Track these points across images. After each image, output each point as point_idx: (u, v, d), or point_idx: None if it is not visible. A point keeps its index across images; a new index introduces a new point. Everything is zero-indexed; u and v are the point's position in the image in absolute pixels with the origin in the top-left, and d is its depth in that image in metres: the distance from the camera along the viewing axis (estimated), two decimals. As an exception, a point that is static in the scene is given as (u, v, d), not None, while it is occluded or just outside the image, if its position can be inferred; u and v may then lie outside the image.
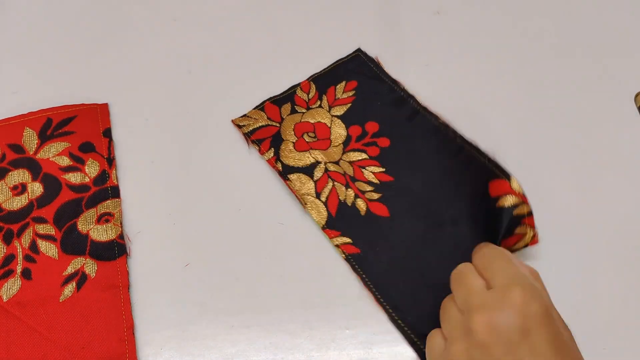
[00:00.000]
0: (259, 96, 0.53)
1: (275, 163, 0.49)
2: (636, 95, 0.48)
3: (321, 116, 0.52)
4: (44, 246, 0.45)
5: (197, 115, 0.53)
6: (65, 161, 0.49)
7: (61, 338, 0.41)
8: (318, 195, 0.47)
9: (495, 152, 0.47)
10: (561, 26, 0.58)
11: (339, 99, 0.53)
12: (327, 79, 0.54)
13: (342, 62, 0.55)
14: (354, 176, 0.48)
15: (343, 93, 0.53)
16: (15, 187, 0.48)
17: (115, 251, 0.45)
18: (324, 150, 0.50)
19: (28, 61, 0.57)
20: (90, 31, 0.59)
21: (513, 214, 0.43)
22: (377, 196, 0.47)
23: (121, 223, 0.46)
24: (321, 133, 0.51)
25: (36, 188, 0.48)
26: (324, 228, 0.46)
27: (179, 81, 0.55)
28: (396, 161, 0.49)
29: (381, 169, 0.49)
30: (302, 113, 0.52)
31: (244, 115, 0.53)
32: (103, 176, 0.49)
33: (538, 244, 0.43)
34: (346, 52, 0.56)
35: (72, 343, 0.41)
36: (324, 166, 0.49)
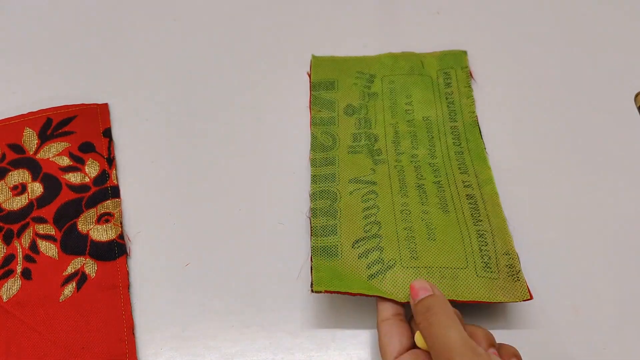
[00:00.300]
0: (259, 95, 0.53)
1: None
2: (636, 95, 0.48)
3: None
4: (44, 246, 0.45)
5: (197, 115, 0.53)
6: (65, 161, 0.49)
7: (61, 338, 0.41)
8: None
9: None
10: (561, 26, 0.58)
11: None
12: None
13: None
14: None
15: None
16: (15, 187, 0.48)
17: (115, 251, 0.45)
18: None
19: (28, 61, 0.57)
20: (90, 31, 0.59)
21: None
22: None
23: (121, 223, 0.46)
24: None
25: (36, 188, 0.48)
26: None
27: (179, 81, 0.55)
28: None
29: None
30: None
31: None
32: (103, 176, 0.49)
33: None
34: (346, 51, 0.56)
35: (72, 343, 0.41)
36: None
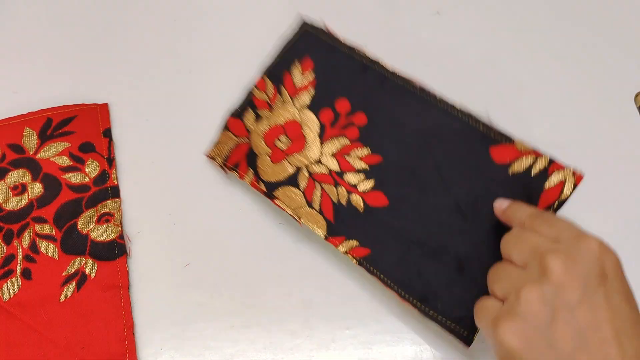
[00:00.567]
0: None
1: (257, 184, 0.45)
2: (636, 95, 0.48)
3: (288, 112, 0.47)
4: (44, 246, 0.45)
5: (197, 115, 0.53)
6: (65, 161, 0.49)
7: (61, 338, 0.41)
8: (310, 204, 0.44)
9: (488, 115, 0.44)
10: (561, 26, 0.58)
11: (300, 87, 0.48)
12: (280, 67, 0.49)
13: (292, 44, 0.50)
14: (341, 169, 0.44)
15: (302, 78, 0.48)
16: (15, 187, 0.48)
17: (115, 251, 0.45)
18: (301, 151, 0.46)
19: (28, 61, 0.57)
20: (90, 31, 0.59)
21: (532, 176, 0.41)
22: (370, 185, 0.44)
23: (121, 223, 0.46)
24: (293, 133, 0.47)
25: (36, 188, 0.48)
26: (327, 237, 0.43)
27: (179, 81, 0.55)
28: (379, 137, 0.45)
29: (366, 151, 0.45)
30: (267, 117, 0.48)
31: (214, 145, 0.49)
32: (103, 176, 0.49)
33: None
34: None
35: (72, 343, 0.41)
36: (307, 171, 0.45)
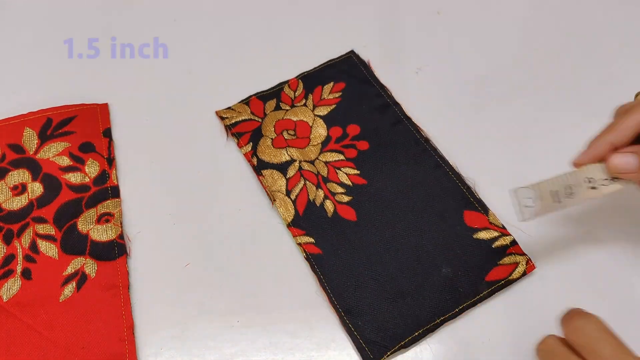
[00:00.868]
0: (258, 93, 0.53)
1: (251, 157, 0.49)
2: (636, 95, 0.48)
3: (304, 115, 0.52)
4: (44, 246, 0.45)
5: (198, 115, 0.53)
6: (65, 161, 0.49)
7: (61, 338, 0.41)
8: (288, 193, 0.47)
9: (474, 183, 0.47)
10: (561, 26, 0.58)
11: (325, 99, 0.53)
12: (316, 79, 0.54)
13: (334, 63, 0.55)
14: (327, 177, 0.48)
15: (329, 94, 0.53)
16: (15, 187, 0.48)
17: (115, 251, 0.45)
18: (301, 148, 0.50)
19: (28, 61, 0.57)
20: (90, 31, 0.59)
21: (492, 247, 0.44)
22: (347, 199, 0.47)
23: (121, 223, 0.46)
24: (301, 131, 0.51)
25: (36, 188, 0.48)
26: (289, 226, 0.46)
27: (179, 81, 0.55)
28: (372, 165, 0.49)
29: (356, 171, 0.48)
30: (286, 110, 0.52)
31: (229, 107, 0.53)
32: (103, 176, 0.49)
33: (535, 269, 0.43)
34: (341, 52, 0.56)
35: (72, 343, 0.41)
36: (298, 164, 0.49)
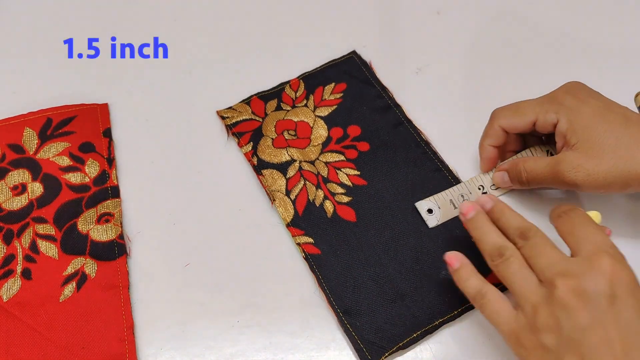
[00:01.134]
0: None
1: (251, 157, 0.49)
2: (636, 95, 0.48)
3: (305, 115, 0.52)
4: (44, 246, 0.45)
5: (198, 115, 0.53)
6: (65, 161, 0.49)
7: (61, 338, 0.41)
8: (288, 192, 0.47)
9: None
10: (561, 26, 0.58)
11: (326, 100, 0.53)
12: (317, 79, 0.54)
13: (335, 63, 0.55)
14: (328, 177, 0.48)
15: (330, 94, 0.53)
16: (15, 187, 0.48)
17: (115, 251, 0.45)
18: (302, 149, 0.50)
19: (28, 61, 0.57)
20: (90, 31, 0.59)
21: None
22: (347, 200, 0.47)
23: (121, 223, 0.46)
24: (302, 132, 0.51)
25: (36, 188, 0.48)
26: (289, 226, 0.46)
27: (179, 81, 0.55)
28: (373, 166, 0.49)
29: (356, 172, 0.48)
30: (287, 111, 0.52)
31: (229, 107, 0.53)
32: (103, 176, 0.49)
33: None
34: (343, 52, 0.56)
35: (72, 343, 0.41)
36: (299, 165, 0.49)
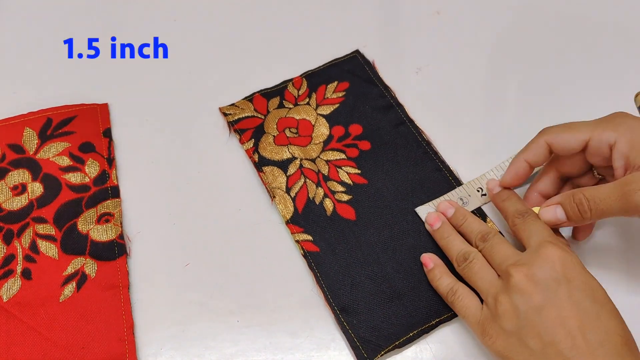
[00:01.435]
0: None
1: (252, 154, 0.49)
2: (636, 95, 0.48)
3: (307, 114, 0.52)
4: (44, 246, 0.45)
5: (198, 115, 0.53)
6: (65, 161, 0.49)
7: (61, 338, 0.41)
8: (288, 190, 0.47)
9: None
10: (561, 25, 0.58)
11: (328, 99, 0.53)
12: (320, 77, 0.54)
13: (338, 62, 0.55)
14: (328, 175, 0.48)
15: (333, 93, 0.53)
16: (15, 187, 0.48)
17: (115, 251, 0.45)
18: (303, 147, 0.50)
19: (28, 61, 0.57)
20: (90, 31, 0.59)
21: None
22: (347, 198, 0.47)
23: (121, 223, 0.46)
24: (304, 130, 0.51)
25: (36, 188, 0.48)
26: (288, 223, 0.46)
27: (179, 81, 0.55)
28: (373, 165, 0.49)
29: (356, 171, 0.48)
30: (289, 108, 0.52)
31: (232, 104, 0.53)
32: (103, 176, 0.49)
33: None
34: (345, 52, 0.56)
35: (72, 343, 0.41)
36: (299, 162, 0.49)
